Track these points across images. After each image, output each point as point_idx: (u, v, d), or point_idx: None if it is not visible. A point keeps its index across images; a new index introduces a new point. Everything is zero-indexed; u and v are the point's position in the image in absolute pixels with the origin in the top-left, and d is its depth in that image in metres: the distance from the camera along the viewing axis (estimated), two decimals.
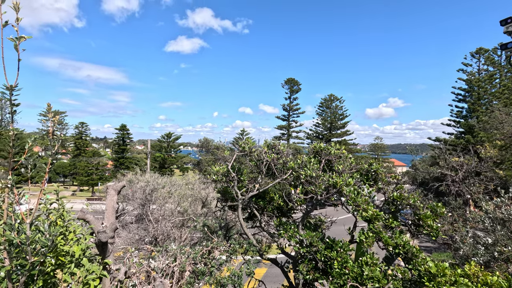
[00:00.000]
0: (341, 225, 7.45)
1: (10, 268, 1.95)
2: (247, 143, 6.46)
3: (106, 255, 3.35)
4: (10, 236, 1.95)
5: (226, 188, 7.45)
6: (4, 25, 1.87)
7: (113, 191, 4.21)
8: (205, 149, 56.17)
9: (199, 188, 8.85)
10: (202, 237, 8.62)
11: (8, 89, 1.88)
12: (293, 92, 59.46)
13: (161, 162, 53.76)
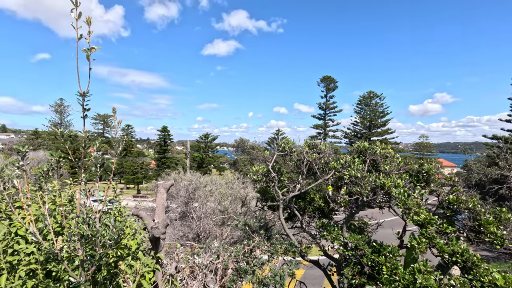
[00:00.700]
0: (386, 228, 7.07)
1: (83, 258, 2.15)
2: (287, 143, 6.42)
3: (159, 250, 3.55)
4: (82, 229, 2.16)
5: (265, 188, 7.49)
6: (79, 38, 2.06)
7: (163, 189, 4.46)
8: (240, 149, 57.09)
9: (239, 187, 9.01)
10: (242, 235, 8.76)
11: (81, 95, 2.08)
12: (329, 90, 57.86)
13: (200, 161, 55.75)
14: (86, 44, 2.08)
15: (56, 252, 2.07)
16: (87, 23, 2.12)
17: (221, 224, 8.77)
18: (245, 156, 52.33)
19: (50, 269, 2.50)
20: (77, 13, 2.10)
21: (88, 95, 2.14)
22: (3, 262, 2.48)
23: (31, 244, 2.70)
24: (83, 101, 2.12)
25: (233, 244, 8.06)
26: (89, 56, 2.11)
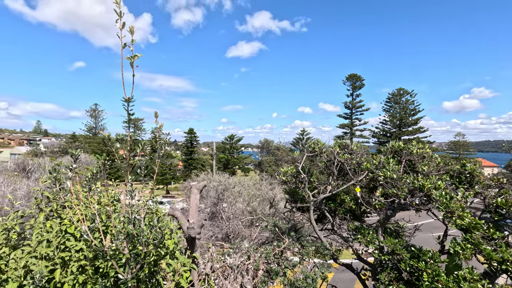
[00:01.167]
0: (422, 231, 6.71)
1: (129, 256, 2.25)
2: (317, 144, 6.32)
3: (194, 250, 3.64)
4: (128, 228, 2.26)
5: (294, 189, 7.42)
6: (123, 47, 2.17)
7: (196, 190, 4.57)
8: (265, 150, 57.13)
9: (267, 188, 9.01)
10: (270, 237, 8.74)
11: (126, 101, 2.18)
12: (355, 88, 56.22)
13: (225, 163, 56.56)
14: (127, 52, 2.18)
15: (105, 250, 2.19)
16: (131, 32, 2.22)
17: (249, 224, 8.81)
18: (270, 157, 52.25)
19: (98, 265, 2.64)
20: (121, 23, 2.21)
21: (132, 100, 2.24)
22: (57, 258, 2.67)
23: (80, 241, 2.88)
24: (127, 106, 2.23)
25: (262, 245, 8.06)
26: (133, 63, 2.21)
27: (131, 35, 2.21)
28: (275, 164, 48.57)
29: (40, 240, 2.86)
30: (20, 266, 2.54)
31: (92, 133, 73.37)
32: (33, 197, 6.25)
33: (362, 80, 55.46)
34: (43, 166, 9.20)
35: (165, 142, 2.24)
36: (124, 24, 2.18)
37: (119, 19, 2.18)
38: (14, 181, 6.39)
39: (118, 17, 2.18)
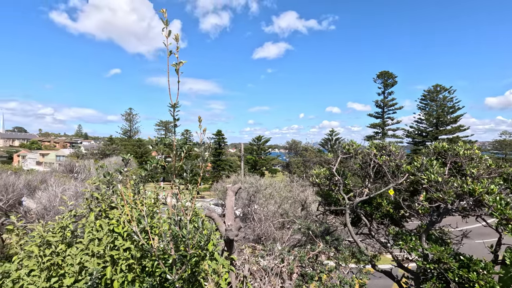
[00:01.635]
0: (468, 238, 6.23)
1: (175, 257, 2.31)
2: (351, 145, 6.12)
3: (232, 252, 3.67)
4: (175, 230, 2.32)
5: (328, 192, 7.24)
6: (169, 54, 2.24)
7: (231, 192, 4.61)
8: (293, 151, 56.68)
9: (298, 190, 8.90)
10: (302, 239, 8.62)
11: (172, 106, 2.25)
12: (387, 86, 53.89)
13: (253, 164, 56.87)
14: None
15: (153, 250, 2.27)
16: (176, 39, 2.29)
17: (280, 227, 8.75)
18: (298, 158, 51.67)
19: (144, 265, 2.75)
20: (167, 31, 2.29)
21: (178, 106, 2.31)
22: (107, 256, 2.82)
23: (126, 241, 3.02)
24: (173, 112, 2.30)
25: (294, 247, 7.97)
26: (178, 70, 2.28)
27: (176, 42, 2.28)
28: (303, 165, 47.94)
29: (91, 238, 3.05)
30: (76, 263, 2.72)
31: (127, 135, 77.49)
32: (80, 197, 6.69)
33: (394, 77, 53.05)
34: (88, 168, 9.94)
35: (209, 146, 2.28)
36: (170, 32, 2.26)
37: (165, 28, 2.26)
38: (63, 182, 6.96)
39: (164, 26, 2.26)
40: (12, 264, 2.80)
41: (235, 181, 10.03)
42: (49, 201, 5.94)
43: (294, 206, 9.07)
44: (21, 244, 3.02)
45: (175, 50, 2.30)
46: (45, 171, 10.97)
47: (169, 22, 2.28)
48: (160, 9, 2.25)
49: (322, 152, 55.32)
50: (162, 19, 2.25)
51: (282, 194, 8.33)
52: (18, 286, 2.64)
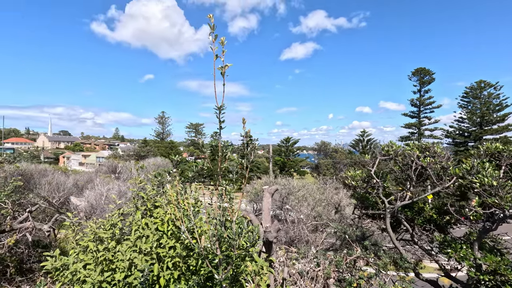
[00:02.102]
0: None
1: (221, 257, 2.34)
2: (391, 146, 5.85)
3: (271, 254, 3.67)
4: (221, 231, 2.36)
5: (364, 195, 6.98)
6: (216, 58, 2.29)
7: (268, 194, 4.61)
8: (322, 152, 55.59)
9: (331, 193, 8.69)
10: (337, 243, 8.38)
11: (218, 109, 2.29)
12: (423, 83, 50.94)
13: (281, 165, 56.63)
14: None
15: (201, 250, 2.32)
16: (222, 43, 2.34)
17: (313, 229, 8.59)
18: (328, 160, 50.52)
19: (189, 263, 2.83)
20: (214, 36, 2.34)
21: (223, 108, 2.35)
22: (154, 253, 2.94)
23: (171, 239, 3.13)
24: (219, 114, 2.34)
25: (327, 251, 7.78)
26: (224, 73, 2.32)
27: (222, 46, 2.32)
28: (333, 167, 46.78)
29: (139, 235, 3.19)
30: (126, 259, 2.86)
31: (160, 138, 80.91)
32: (123, 196, 7.07)
33: (432, 74, 50.00)
34: (129, 169, 10.59)
35: (255, 148, 2.29)
36: (217, 37, 2.31)
37: (212, 32, 2.32)
38: (108, 181, 7.45)
39: (211, 30, 2.32)
40: (70, 257, 3.02)
41: (266, 183, 10.03)
42: (96, 200, 6.39)
43: (327, 208, 8.86)
44: (77, 239, 3.25)
45: (221, 54, 2.35)
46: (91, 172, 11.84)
47: (215, 27, 2.33)
48: (207, 15, 2.31)
49: (353, 154, 53.55)
50: (210, 24, 2.30)
51: (316, 197, 8.18)
52: (76, 278, 2.84)
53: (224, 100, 2.32)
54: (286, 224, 8.18)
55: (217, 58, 2.30)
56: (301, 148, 70.85)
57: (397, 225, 7.12)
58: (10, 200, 5.65)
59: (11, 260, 5.54)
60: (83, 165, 72.32)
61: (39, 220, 6.51)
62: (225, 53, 2.32)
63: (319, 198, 8.03)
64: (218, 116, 2.34)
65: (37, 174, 8.03)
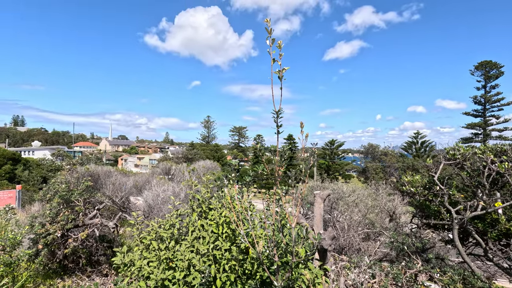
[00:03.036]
0: None
1: (279, 263, 2.30)
2: (458, 150, 5.26)
3: (326, 262, 3.52)
4: (278, 237, 2.32)
5: (425, 203, 6.39)
6: (273, 62, 2.28)
7: (320, 199, 4.46)
8: (370, 155, 52.49)
9: (385, 199, 8.12)
10: (392, 254, 7.81)
11: (275, 113, 2.26)
12: (489, 78, 45.40)
13: (325, 169, 54.97)
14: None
15: (258, 255, 2.30)
16: (279, 47, 2.32)
17: (365, 237, 8.12)
18: (376, 164, 47.57)
19: (246, 267, 2.84)
20: (271, 40, 2.33)
21: (281, 112, 2.32)
22: (211, 255, 3.01)
23: (226, 242, 3.18)
24: (277, 118, 2.32)
25: (380, 261, 7.27)
26: (282, 76, 2.30)
27: (279, 50, 2.30)
28: (382, 171, 43.94)
29: (196, 236, 3.31)
30: (185, 259, 2.98)
31: (206, 141, 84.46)
32: (177, 197, 7.45)
33: (500, 67, 44.34)
34: (182, 171, 11.27)
35: (314, 152, 2.21)
36: (274, 41, 2.29)
37: (269, 36, 2.31)
38: (163, 183, 7.99)
39: (268, 34, 2.31)
40: (135, 254, 3.25)
41: (312, 187, 9.77)
42: (153, 200, 6.86)
43: (380, 216, 8.31)
44: (141, 237, 3.48)
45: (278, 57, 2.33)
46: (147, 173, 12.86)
47: (273, 30, 2.32)
48: (265, 19, 2.31)
49: (405, 157, 49.64)
50: (267, 28, 2.30)
51: (368, 203, 7.72)
52: (141, 274, 3.04)
53: (281, 102, 2.29)
54: (335, 230, 7.87)
55: (274, 62, 2.28)
56: (347, 151, 67.94)
57: (464, 237, 6.38)
58: (82, 198, 6.33)
59: (83, 252, 6.18)
60: (138, 167, 78.62)
61: (105, 217, 7.18)
62: (282, 56, 2.29)
63: (371, 205, 7.55)
64: (275, 121, 2.31)
65: (103, 175, 8.96)
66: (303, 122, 2.32)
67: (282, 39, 2.37)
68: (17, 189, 15.81)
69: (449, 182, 5.43)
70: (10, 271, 4.29)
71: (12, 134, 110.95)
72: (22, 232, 5.03)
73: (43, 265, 5.52)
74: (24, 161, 30.94)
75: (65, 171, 8.47)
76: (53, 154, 57.39)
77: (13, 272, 4.37)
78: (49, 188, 6.52)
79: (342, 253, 8.26)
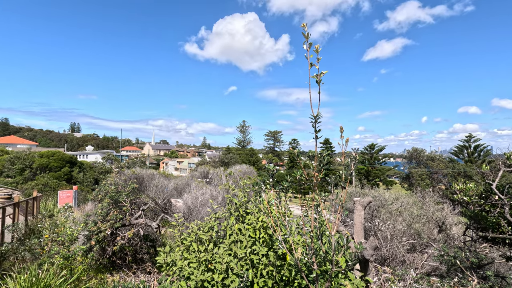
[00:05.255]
0: None
1: (318, 272, 2.23)
2: None
3: (368, 273, 3.35)
4: (318, 245, 2.26)
5: (480, 213, 5.79)
6: (310, 67, 2.25)
7: (360, 206, 4.27)
8: (415, 160, 48.82)
9: (433, 208, 7.50)
10: (441, 268, 7.18)
11: (314, 117, 2.23)
12: None
13: (365, 174, 52.53)
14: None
15: (296, 262, 2.26)
16: (316, 51, 2.29)
17: (410, 249, 7.57)
18: (422, 169, 44.18)
19: (283, 273, 2.81)
20: (308, 44, 2.31)
21: (319, 117, 2.28)
22: (248, 259, 3.03)
23: (264, 247, 3.18)
24: (315, 123, 2.28)
25: (428, 275, 6.70)
26: (319, 81, 2.26)
27: (317, 54, 2.27)
28: (429, 177, 40.69)
29: (233, 240, 3.36)
30: (224, 261, 3.03)
31: (241, 145, 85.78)
32: (214, 200, 7.63)
33: None
34: (219, 175, 11.61)
35: (355, 158, 2.13)
36: (311, 45, 2.27)
37: (306, 41, 2.29)
38: (201, 186, 8.28)
39: (305, 39, 2.30)
40: (177, 254, 3.39)
41: (351, 193, 9.37)
42: (192, 202, 7.13)
43: (428, 226, 7.69)
44: (182, 238, 3.63)
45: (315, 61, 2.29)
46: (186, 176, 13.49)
47: (310, 35, 2.30)
48: (301, 24, 2.30)
49: (456, 162, 45.40)
50: (303, 33, 2.29)
51: (413, 211, 7.19)
52: (182, 273, 3.16)
53: (319, 106, 2.25)
54: (377, 239, 7.46)
55: (312, 66, 2.25)
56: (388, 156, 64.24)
57: None
58: (129, 199, 6.79)
59: (129, 249, 6.61)
60: (178, 170, 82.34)
61: (148, 218, 7.61)
62: (319, 60, 2.26)
63: (417, 213, 7.02)
64: (314, 125, 2.28)
65: (147, 177, 9.56)
66: (342, 126, 2.25)
67: (319, 41, 2.32)
68: (74, 189, 17.50)
69: (510, 191, 4.85)
70: (68, 264, 4.73)
71: (70, 140, 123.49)
72: (78, 229, 5.54)
73: (95, 260, 6.00)
74: (79, 164, 34.17)
75: (114, 174, 9.18)
76: (103, 158, 62.57)
77: (70, 265, 4.81)
78: (101, 189, 7.11)
79: (384, 265, 7.78)
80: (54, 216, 8.91)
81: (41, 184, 24.69)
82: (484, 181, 5.12)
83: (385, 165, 57.41)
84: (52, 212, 10.65)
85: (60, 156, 31.35)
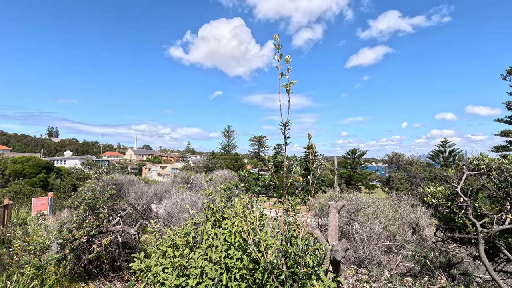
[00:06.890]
0: None
1: (288, 274, 2.32)
2: (482, 159, 5.03)
3: (339, 274, 3.47)
4: (286, 247, 2.35)
5: (448, 215, 6.11)
6: (281, 76, 2.37)
7: (334, 210, 4.42)
8: (394, 164, 50.54)
9: (407, 210, 7.82)
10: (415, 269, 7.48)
11: (283, 125, 2.34)
12: None
13: (347, 178, 53.62)
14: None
15: (267, 264, 2.34)
16: (287, 61, 2.40)
17: (386, 250, 7.83)
18: (401, 173, 45.66)
19: (256, 276, 2.88)
20: (279, 55, 2.42)
21: (288, 124, 2.39)
22: (223, 263, 3.08)
23: (238, 251, 3.24)
24: (284, 130, 2.38)
25: (402, 276, 6.96)
26: (289, 90, 2.38)
27: (287, 64, 2.39)
28: (408, 181, 42.12)
29: (209, 245, 3.39)
30: (198, 266, 3.06)
31: (226, 150, 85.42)
32: (194, 206, 7.61)
33: None
34: (200, 180, 11.54)
35: (321, 164, 2.25)
36: (282, 56, 2.39)
37: (277, 52, 2.41)
38: (181, 192, 8.22)
39: (276, 50, 2.41)
40: (152, 260, 3.38)
41: (331, 197, 9.60)
42: (172, 208, 7.07)
43: (402, 228, 8.00)
44: (157, 244, 3.62)
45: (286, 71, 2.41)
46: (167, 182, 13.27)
47: (281, 46, 2.42)
48: (273, 36, 2.42)
49: (432, 167, 47.29)
50: (275, 44, 2.40)
51: (388, 214, 7.47)
52: (156, 279, 3.16)
53: (289, 114, 2.36)
54: (355, 242, 7.67)
55: (282, 76, 2.37)
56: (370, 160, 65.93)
57: (495, 253, 6.00)
58: (107, 206, 6.65)
59: (106, 257, 6.45)
60: (161, 176, 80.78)
61: (127, 224, 7.47)
62: (289, 70, 2.37)
63: (392, 216, 7.30)
64: (283, 132, 2.38)
65: (126, 183, 9.37)
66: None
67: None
68: (49, 196, 16.83)
69: (474, 193, 5.17)
70: (39, 274, 4.58)
71: (47, 145, 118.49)
72: (51, 237, 5.37)
73: (69, 269, 5.82)
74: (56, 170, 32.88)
75: (92, 180, 8.95)
76: (82, 163, 60.47)
77: (41, 275, 4.65)
78: (77, 195, 6.92)
79: (362, 266, 8.00)
80: (27, 225, 8.55)
81: (13, 191, 23.57)
82: (451, 184, 5.43)
83: (367, 169, 58.89)
84: (25, 220, 10.21)
85: (36, 162, 30.07)
